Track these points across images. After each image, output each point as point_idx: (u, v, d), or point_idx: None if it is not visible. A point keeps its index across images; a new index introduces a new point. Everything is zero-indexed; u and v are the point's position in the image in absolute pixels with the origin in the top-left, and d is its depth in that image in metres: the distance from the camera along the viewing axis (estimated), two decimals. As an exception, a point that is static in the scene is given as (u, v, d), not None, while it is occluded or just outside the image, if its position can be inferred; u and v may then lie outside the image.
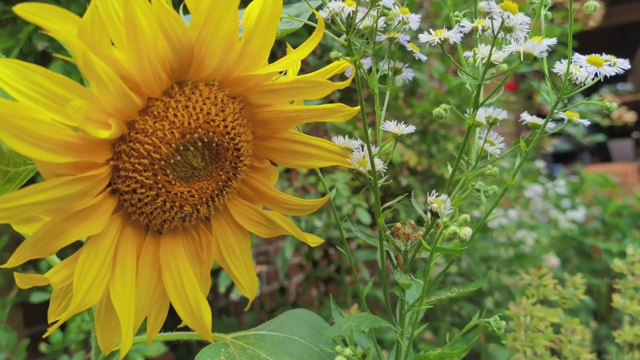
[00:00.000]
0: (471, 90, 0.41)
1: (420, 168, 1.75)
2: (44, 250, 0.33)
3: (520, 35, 0.37)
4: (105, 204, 0.35)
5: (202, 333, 0.40)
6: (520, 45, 0.37)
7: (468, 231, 0.35)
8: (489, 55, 0.38)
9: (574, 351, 0.84)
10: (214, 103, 0.36)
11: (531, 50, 0.36)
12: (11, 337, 1.07)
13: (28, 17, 0.28)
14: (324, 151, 0.43)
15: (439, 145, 1.79)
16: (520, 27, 0.36)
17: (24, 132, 0.28)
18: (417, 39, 0.42)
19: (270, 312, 1.69)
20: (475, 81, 0.39)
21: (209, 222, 0.41)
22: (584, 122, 0.40)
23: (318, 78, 0.37)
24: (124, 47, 0.31)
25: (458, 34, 0.40)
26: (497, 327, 0.42)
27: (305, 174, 1.49)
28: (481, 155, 0.43)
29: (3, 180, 0.32)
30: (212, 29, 0.32)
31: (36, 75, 0.29)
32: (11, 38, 1.06)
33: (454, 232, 0.34)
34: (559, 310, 0.81)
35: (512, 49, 0.37)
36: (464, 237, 0.34)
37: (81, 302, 0.33)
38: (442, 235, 0.35)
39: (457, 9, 0.43)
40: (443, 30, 0.40)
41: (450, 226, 0.35)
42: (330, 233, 1.51)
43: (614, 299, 0.89)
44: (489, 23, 0.37)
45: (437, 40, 0.40)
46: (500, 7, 0.35)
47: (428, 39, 0.40)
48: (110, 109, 0.31)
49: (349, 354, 0.38)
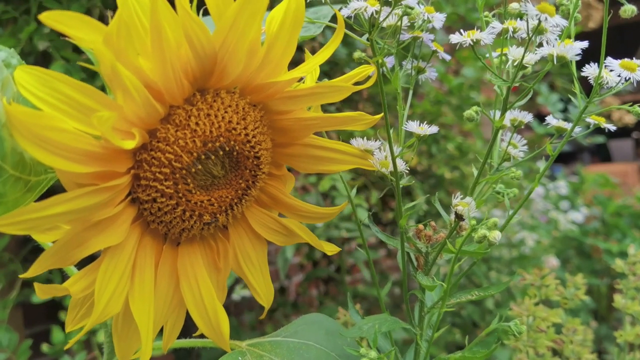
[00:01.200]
0: (500, 93, 0.40)
1: (420, 168, 1.75)
2: (65, 260, 0.32)
3: (551, 38, 0.36)
4: (125, 213, 0.34)
5: (220, 342, 0.40)
6: (554, 48, 0.36)
7: (498, 234, 0.34)
8: (521, 57, 0.37)
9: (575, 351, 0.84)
10: (236, 111, 0.35)
11: (564, 54, 0.36)
12: (12, 337, 1.06)
13: (54, 25, 0.27)
14: (343, 154, 0.42)
15: (439, 145, 1.79)
16: (551, 30, 0.35)
17: (48, 141, 0.28)
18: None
19: (270, 312, 1.69)
20: (506, 83, 0.39)
21: (226, 230, 0.41)
22: (610, 127, 0.40)
23: (341, 83, 0.37)
24: (148, 56, 0.30)
25: (490, 36, 0.39)
26: (517, 331, 0.41)
27: (305, 174, 1.49)
28: (504, 157, 0.43)
29: (24, 190, 0.31)
30: (237, 37, 0.32)
31: (59, 83, 0.29)
32: (12, 38, 1.06)
33: (483, 235, 0.34)
34: (560, 311, 0.81)
35: (544, 51, 0.37)
36: (494, 240, 0.34)
37: (102, 312, 0.33)
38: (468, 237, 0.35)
39: (457, 9, 0.42)
40: (475, 31, 0.39)
41: (479, 229, 0.34)
42: (331, 233, 1.51)
43: (616, 300, 0.89)
44: (520, 25, 0.37)
45: (469, 42, 0.39)
46: (537, 9, 0.34)
47: (459, 40, 0.39)
48: (134, 118, 0.30)
49: (374, 357, 0.38)
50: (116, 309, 0.34)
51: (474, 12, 1.68)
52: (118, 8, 0.28)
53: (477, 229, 0.34)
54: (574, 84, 0.39)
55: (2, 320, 1.10)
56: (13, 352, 1.01)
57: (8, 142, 0.30)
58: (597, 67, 0.37)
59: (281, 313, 1.59)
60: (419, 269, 0.44)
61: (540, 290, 0.84)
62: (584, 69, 0.38)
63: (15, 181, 0.30)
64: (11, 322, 1.16)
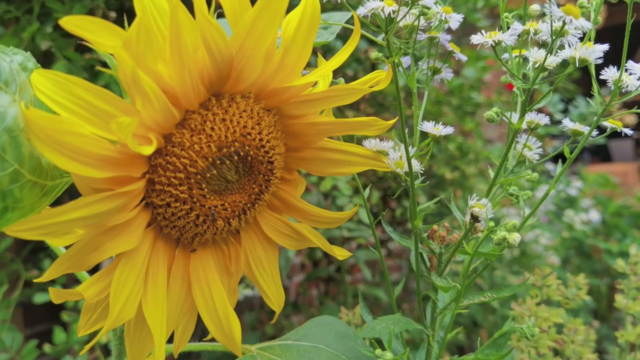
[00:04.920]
0: (519, 94, 0.40)
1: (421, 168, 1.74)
2: (80, 265, 0.32)
3: (572, 40, 0.36)
4: (139, 218, 0.34)
5: (231, 346, 0.40)
6: (577, 51, 0.36)
7: (517, 237, 0.34)
8: (543, 59, 0.37)
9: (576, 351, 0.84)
10: (250, 116, 0.35)
11: (586, 57, 0.35)
12: (16, 337, 1.06)
13: (73, 30, 0.27)
14: (356, 157, 0.42)
15: (440, 145, 1.79)
16: (573, 32, 0.35)
17: (66, 146, 0.28)
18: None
19: (270, 312, 1.69)
20: (527, 85, 0.39)
21: (238, 235, 0.41)
22: (628, 131, 0.39)
23: (357, 86, 0.37)
24: (166, 61, 0.30)
25: (512, 37, 0.39)
26: (530, 334, 0.41)
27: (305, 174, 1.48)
28: (519, 159, 0.43)
29: (40, 194, 0.31)
30: (254, 42, 0.32)
31: (76, 88, 0.28)
32: (14, 37, 1.05)
33: (503, 237, 0.34)
34: (562, 311, 0.81)
35: (566, 54, 0.36)
36: (513, 242, 0.34)
37: (117, 317, 0.33)
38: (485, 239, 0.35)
39: (458, 10, 0.42)
40: (497, 32, 0.39)
41: (498, 231, 0.34)
42: (331, 233, 1.51)
43: (617, 300, 0.89)
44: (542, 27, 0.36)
45: (491, 43, 0.39)
46: (562, 11, 0.34)
47: (481, 41, 0.39)
48: (151, 123, 0.30)
49: (390, 358, 0.38)
50: (131, 314, 0.34)
51: (475, 12, 1.68)
52: (137, 13, 0.28)
53: (495, 230, 0.34)
54: (593, 87, 0.38)
55: (5, 320, 1.09)
56: (17, 353, 1.01)
57: (26, 147, 0.29)
58: (617, 70, 0.37)
59: (281, 313, 1.59)
60: (432, 269, 0.44)
61: (542, 291, 0.84)
62: (602, 72, 0.38)
63: (32, 186, 0.30)
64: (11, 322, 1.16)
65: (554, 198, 2.16)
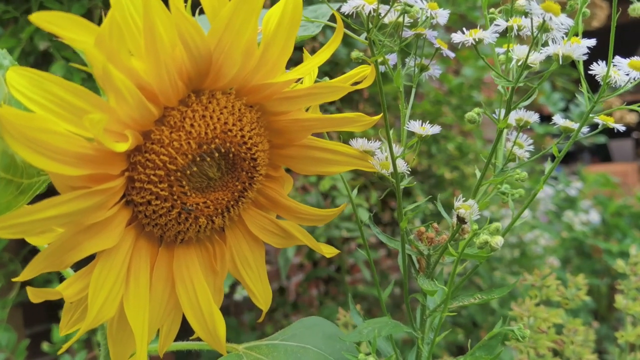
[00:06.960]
0: (503, 93, 0.40)
1: (420, 168, 1.74)
2: (58, 263, 0.32)
3: (557, 36, 0.35)
4: (119, 216, 0.34)
5: (216, 346, 0.39)
6: (560, 47, 0.35)
7: (500, 240, 0.34)
8: (526, 56, 0.36)
9: (576, 352, 0.84)
10: (231, 112, 0.35)
11: (570, 53, 0.35)
12: (11, 337, 1.06)
13: (45, 26, 0.27)
14: (342, 156, 0.42)
15: (439, 145, 1.78)
16: (557, 28, 0.34)
17: (39, 144, 0.27)
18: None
19: (270, 312, 1.69)
20: (510, 84, 0.38)
21: (223, 233, 0.40)
22: (619, 127, 0.39)
23: (338, 84, 0.36)
24: (141, 56, 0.30)
25: (493, 35, 0.38)
26: (520, 335, 0.41)
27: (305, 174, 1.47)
28: (509, 158, 0.42)
29: (16, 193, 0.31)
30: (232, 38, 0.31)
31: (51, 85, 0.28)
32: (13, 38, 1.05)
33: (485, 241, 0.33)
34: (561, 311, 0.81)
35: (550, 51, 0.35)
36: (496, 246, 0.33)
37: (96, 317, 0.33)
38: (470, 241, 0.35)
39: (459, 9, 0.41)
40: (478, 30, 0.38)
41: (481, 235, 0.34)
42: (331, 233, 1.50)
43: (617, 300, 0.88)
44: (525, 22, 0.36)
45: (472, 41, 0.38)
46: (541, 8, 0.33)
47: (461, 39, 0.38)
48: (127, 120, 0.30)
49: (373, 361, 0.37)
50: (110, 313, 0.33)
51: (475, 10, 1.67)
52: (110, 8, 0.27)
53: (478, 234, 0.34)
54: (581, 84, 0.38)
55: (2, 319, 1.09)
56: (12, 352, 1.01)
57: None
58: (605, 66, 0.36)
59: (281, 313, 1.58)
60: (421, 271, 0.44)
61: (542, 291, 0.83)
62: (591, 68, 0.37)
63: (7, 184, 0.30)
64: (11, 321, 1.16)
65: (554, 198, 2.15)
